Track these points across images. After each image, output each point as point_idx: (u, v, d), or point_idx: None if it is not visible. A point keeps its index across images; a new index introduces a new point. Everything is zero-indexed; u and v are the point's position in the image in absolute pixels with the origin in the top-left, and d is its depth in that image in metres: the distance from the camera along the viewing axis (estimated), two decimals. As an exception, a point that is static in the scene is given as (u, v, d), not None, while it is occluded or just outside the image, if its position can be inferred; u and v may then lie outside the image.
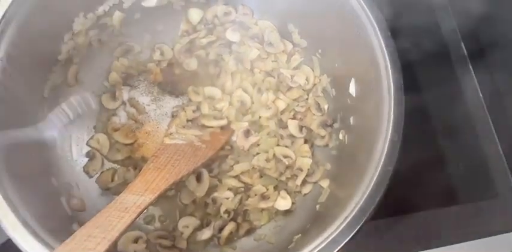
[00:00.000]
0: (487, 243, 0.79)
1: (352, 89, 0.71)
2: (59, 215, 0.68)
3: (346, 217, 0.52)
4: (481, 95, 0.90)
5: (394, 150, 0.56)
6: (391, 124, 0.58)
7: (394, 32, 0.64)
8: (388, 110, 0.59)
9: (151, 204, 0.61)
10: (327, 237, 0.52)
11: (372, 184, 0.54)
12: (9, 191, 0.58)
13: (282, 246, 0.63)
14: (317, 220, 0.63)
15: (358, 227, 0.52)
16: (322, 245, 0.51)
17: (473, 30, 0.91)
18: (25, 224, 0.55)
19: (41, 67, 0.73)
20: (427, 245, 0.79)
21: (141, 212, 0.58)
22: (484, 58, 0.91)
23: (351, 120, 0.72)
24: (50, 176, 0.71)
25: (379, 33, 0.64)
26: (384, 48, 0.63)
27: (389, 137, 0.57)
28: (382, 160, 0.56)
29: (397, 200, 0.79)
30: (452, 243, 0.79)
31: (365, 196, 0.53)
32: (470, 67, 0.93)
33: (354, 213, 0.53)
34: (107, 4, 0.78)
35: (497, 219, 0.81)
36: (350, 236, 0.51)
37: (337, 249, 0.51)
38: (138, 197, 0.60)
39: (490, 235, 0.79)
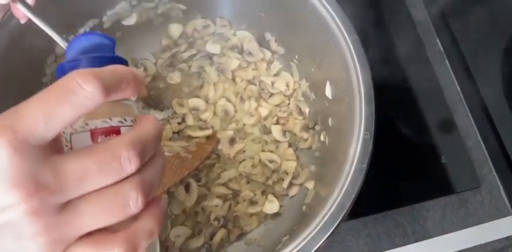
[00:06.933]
0: (474, 233, 0.80)
1: (328, 91, 0.73)
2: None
3: (325, 215, 0.54)
4: (458, 88, 0.93)
5: (367, 148, 0.57)
6: (362, 123, 0.59)
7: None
8: (360, 109, 0.60)
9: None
10: (308, 235, 0.53)
11: (348, 181, 0.56)
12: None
13: (271, 248, 0.64)
14: (303, 221, 0.65)
15: (336, 223, 0.53)
16: (303, 243, 0.53)
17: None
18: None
19: (25, 90, 0.74)
20: (416, 238, 0.80)
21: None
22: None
23: (330, 121, 0.74)
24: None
25: (346, 36, 0.66)
26: (352, 51, 0.65)
27: (361, 135, 0.58)
28: (356, 158, 0.57)
29: (383, 196, 0.82)
30: (439, 235, 0.80)
31: (341, 193, 0.55)
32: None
33: (331, 210, 0.54)
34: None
35: (482, 209, 0.83)
36: (329, 233, 0.52)
37: (317, 246, 0.52)
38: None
39: (477, 224, 0.81)
